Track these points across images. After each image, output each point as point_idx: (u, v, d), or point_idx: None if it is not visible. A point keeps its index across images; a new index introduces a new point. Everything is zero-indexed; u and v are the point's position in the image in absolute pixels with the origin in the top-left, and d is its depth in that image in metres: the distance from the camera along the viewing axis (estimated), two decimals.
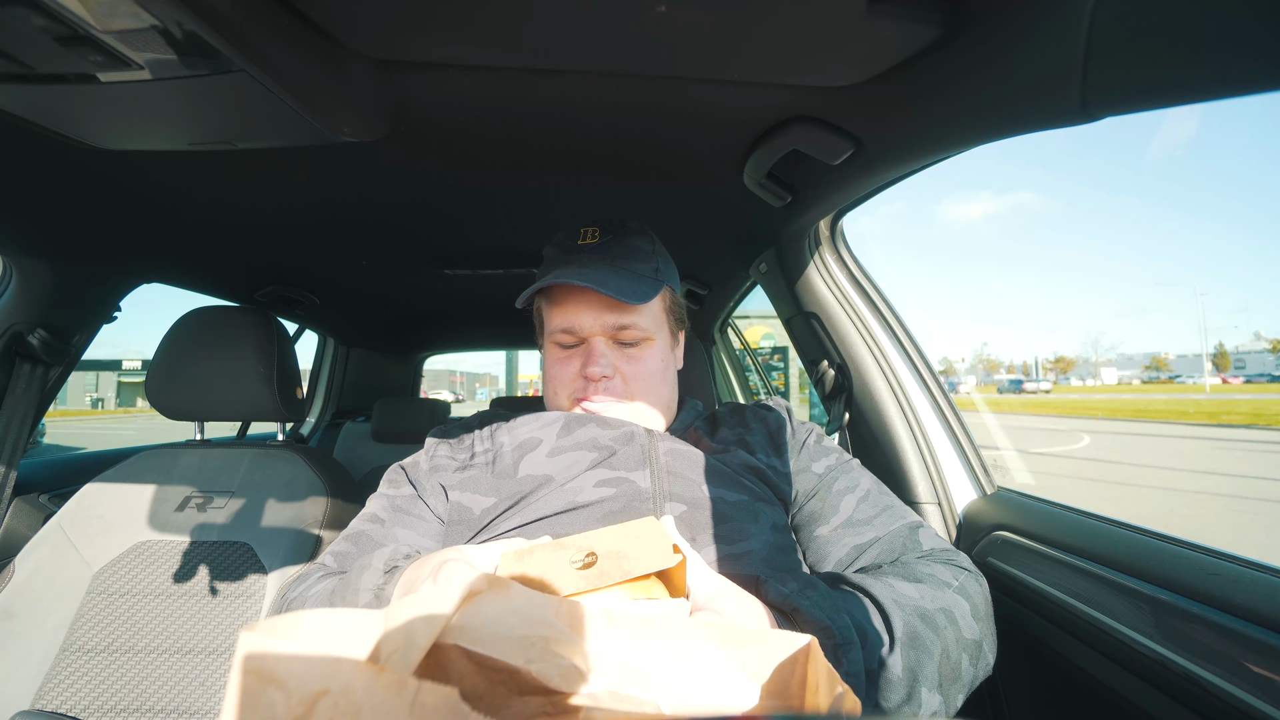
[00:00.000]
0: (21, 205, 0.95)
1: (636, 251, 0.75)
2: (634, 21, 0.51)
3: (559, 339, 0.75)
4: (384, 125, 0.72)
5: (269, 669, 0.18)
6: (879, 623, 0.52)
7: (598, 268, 0.71)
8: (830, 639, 0.48)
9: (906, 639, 0.51)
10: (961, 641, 0.55)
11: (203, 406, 1.13)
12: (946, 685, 0.53)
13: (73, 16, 0.44)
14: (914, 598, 0.55)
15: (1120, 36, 0.41)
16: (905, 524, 0.67)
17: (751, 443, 0.76)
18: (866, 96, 0.63)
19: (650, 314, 0.75)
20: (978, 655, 0.56)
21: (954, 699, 0.53)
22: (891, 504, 0.71)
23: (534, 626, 0.24)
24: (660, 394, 0.77)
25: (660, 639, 0.27)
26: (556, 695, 0.24)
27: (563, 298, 0.73)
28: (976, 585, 0.61)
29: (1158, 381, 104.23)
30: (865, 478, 0.74)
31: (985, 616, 0.59)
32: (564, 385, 0.75)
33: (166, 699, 0.93)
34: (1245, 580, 0.53)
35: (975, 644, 0.56)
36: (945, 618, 0.55)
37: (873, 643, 0.50)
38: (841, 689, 0.28)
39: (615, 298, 0.68)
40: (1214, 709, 0.50)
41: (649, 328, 0.75)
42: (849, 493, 0.71)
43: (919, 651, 0.51)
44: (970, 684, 0.55)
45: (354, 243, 1.31)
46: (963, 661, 0.54)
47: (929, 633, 0.53)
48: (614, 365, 0.73)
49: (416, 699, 0.19)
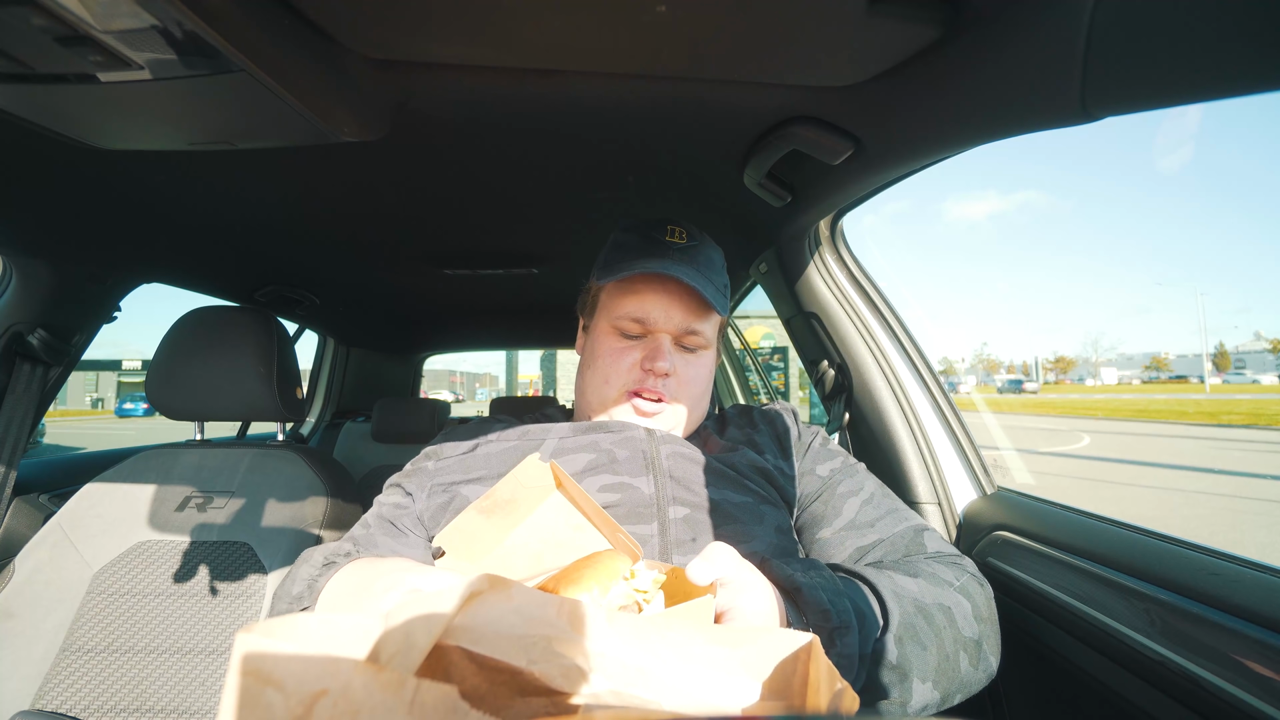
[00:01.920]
0: (21, 205, 0.95)
1: (715, 264, 0.77)
2: (634, 21, 0.51)
3: (625, 326, 0.74)
4: (384, 125, 0.72)
5: (267, 669, 0.18)
6: (876, 609, 0.53)
7: (689, 269, 0.71)
8: (828, 622, 0.49)
9: (902, 628, 0.52)
10: (960, 640, 0.55)
11: (203, 406, 1.13)
12: (942, 681, 0.53)
13: (73, 16, 0.44)
14: (913, 591, 0.55)
15: (1120, 36, 0.41)
16: (910, 527, 0.67)
17: (760, 443, 0.76)
18: (866, 96, 0.63)
19: (713, 327, 0.77)
20: (978, 656, 0.56)
21: (950, 696, 0.53)
22: (896, 507, 0.70)
23: (536, 626, 0.24)
24: (702, 405, 0.79)
25: (662, 638, 0.27)
26: (558, 695, 0.24)
27: (642, 287, 0.74)
28: (979, 588, 0.61)
29: (1159, 381, 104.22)
30: (870, 481, 0.74)
31: (988, 619, 0.59)
32: (619, 374, 0.74)
33: (166, 699, 0.92)
34: (1245, 580, 0.53)
35: (975, 644, 0.56)
36: (943, 614, 0.55)
37: (869, 628, 0.51)
38: (841, 685, 0.28)
39: (710, 302, 0.70)
40: (1214, 709, 0.50)
41: (710, 338, 0.77)
42: (852, 495, 0.71)
43: (914, 642, 0.52)
44: (968, 685, 0.55)
45: (354, 243, 1.31)
46: (960, 660, 0.54)
47: (925, 625, 0.53)
48: (674, 365, 0.74)
49: (416, 698, 0.19)
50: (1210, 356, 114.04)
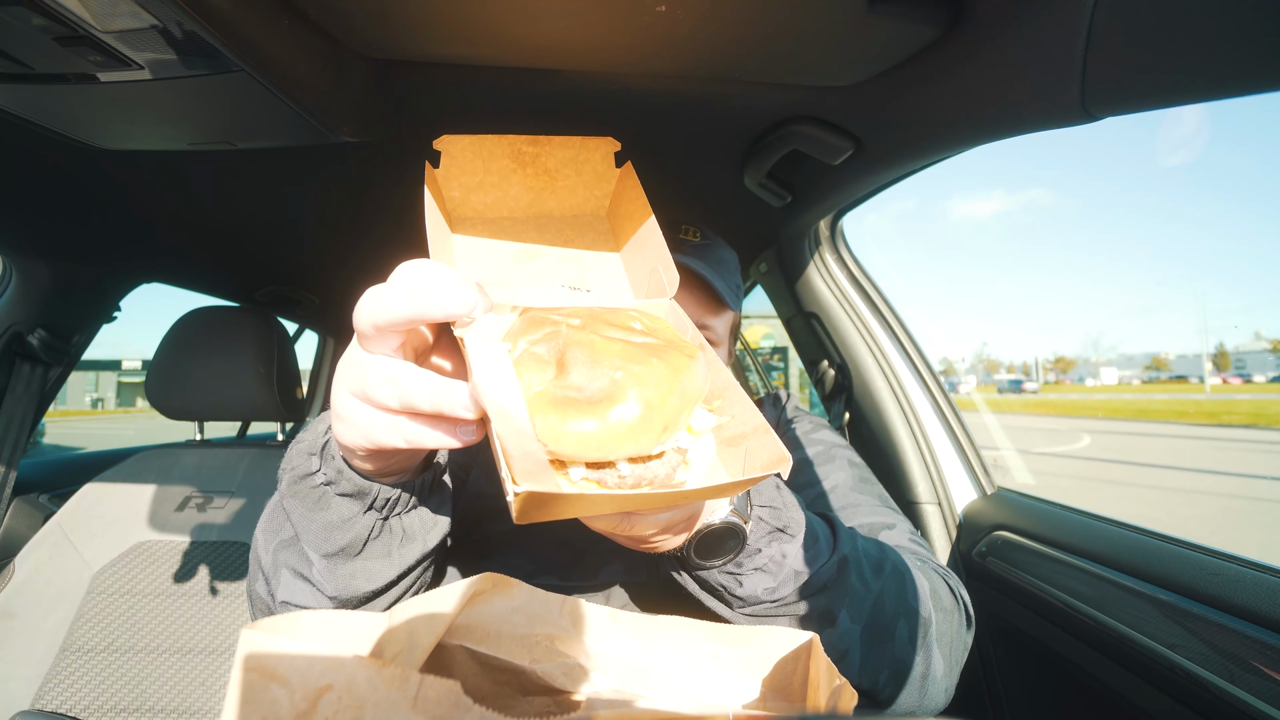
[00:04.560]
0: (22, 205, 0.95)
1: (728, 264, 0.77)
2: (634, 22, 0.51)
3: None
4: (384, 125, 0.72)
5: (271, 666, 0.18)
6: (826, 534, 0.50)
7: (701, 263, 0.71)
8: (778, 520, 0.46)
9: (846, 561, 0.49)
10: (904, 606, 0.51)
11: (203, 406, 1.13)
12: (873, 634, 0.48)
13: (73, 16, 0.44)
14: (867, 546, 0.52)
15: (1120, 36, 0.41)
16: (868, 524, 0.64)
17: None
18: (866, 96, 0.63)
19: (725, 324, 0.77)
20: (923, 636, 0.51)
21: (876, 656, 0.49)
22: (859, 502, 0.67)
23: (538, 624, 0.24)
24: None
25: (664, 636, 0.27)
26: (561, 694, 0.24)
27: None
28: (940, 578, 0.57)
29: (1159, 381, 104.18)
30: (842, 473, 0.71)
31: (949, 610, 0.54)
32: None
33: (166, 699, 0.92)
34: (1245, 580, 0.53)
35: (921, 619, 0.51)
36: (894, 574, 0.52)
37: (816, 548, 0.48)
38: (840, 683, 0.28)
39: (723, 295, 0.70)
40: (1214, 709, 0.50)
41: (722, 335, 0.77)
42: (810, 486, 0.69)
43: (852, 579, 0.48)
44: (905, 663, 0.50)
45: (354, 243, 1.31)
46: (899, 625, 0.50)
47: (871, 573, 0.50)
48: None
49: (420, 693, 0.19)
50: (1210, 356, 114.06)
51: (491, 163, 0.46)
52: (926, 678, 0.50)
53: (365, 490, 0.40)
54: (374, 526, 0.42)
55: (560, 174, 0.47)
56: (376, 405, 0.34)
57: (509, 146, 0.45)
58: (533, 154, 0.45)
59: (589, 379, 0.30)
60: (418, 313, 0.31)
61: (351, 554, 0.42)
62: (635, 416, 0.29)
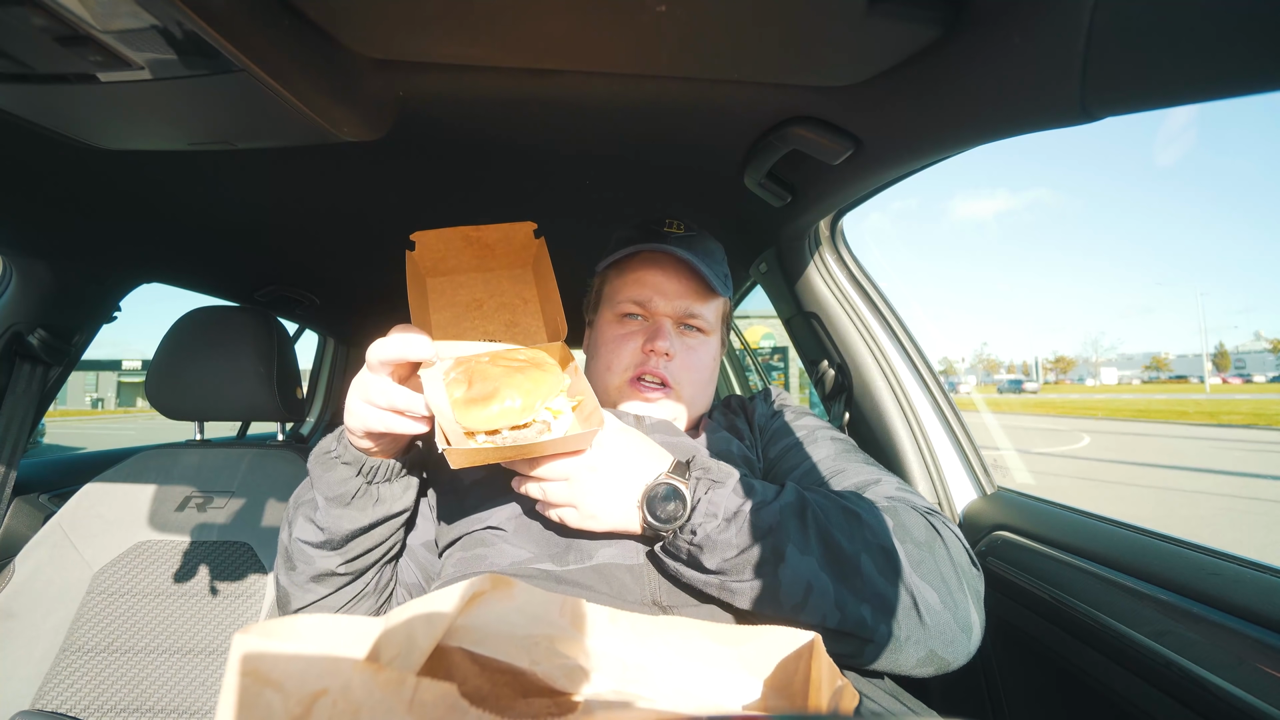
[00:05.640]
0: (21, 205, 0.95)
1: (714, 254, 0.79)
2: (634, 21, 0.51)
3: (626, 309, 0.77)
4: (384, 125, 0.72)
5: (266, 670, 0.18)
6: (765, 487, 0.56)
7: (686, 250, 0.74)
8: (711, 475, 0.55)
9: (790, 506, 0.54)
10: (863, 541, 0.53)
11: (203, 406, 1.13)
12: (837, 570, 0.51)
13: (73, 16, 0.44)
14: (819, 498, 0.56)
15: (1120, 36, 0.41)
16: (855, 484, 0.65)
17: (741, 430, 0.79)
18: (866, 96, 0.63)
19: (715, 312, 0.79)
20: (893, 569, 0.52)
21: (848, 590, 0.51)
22: (844, 468, 0.68)
23: (538, 625, 0.24)
24: (705, 394, 0.80)
25: (663, 636, 0.27)
26: (561, 695, 0.24)
27: (641, 269, 0.77)
28: (919, 515, 0.58)
29: (1159, 381, 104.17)
30: (825, 448, 0.72)
31: (922, 542, 0.55)
32: (621, 359, 0.76)
33: (166, 699, 0.92)
34: (1245, 580, 0.53)
35: (886, 552, 0.53)
36: (846, 514, 0.55)
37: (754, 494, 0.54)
38: (841, 683, 0.28)
39: (708, 279, 0.73)
40: (1214, 709, 0.50)
41: (712, 323, 0.79)
42: (797, 467, 0.71)
43: (796, 520, 0.53)
44: (884, 595, 0.51)
45: (354, 243, 1.31)
46: (863, 560, 0.52)
47: (821, 514, 0.54)
48: (675, 348, 0.76)
49: (415, 696, 0.19)
50: (1210, 356, 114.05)
51: (450, 244, 0.65)
52: (918, 607, 0.52)
53: (358, 460, 0.58)
54: (360, 488, 0.59)
55: (497, 246, 0.67)
56: (373, 404, 0.54)
57: (459, 234, 0.65)
58: (476, 235, 0.65)
59: (484, 388, 0.53)
60: (400, 356, 0.52)
61: (343, 503, 0.59)
62: (509, 405, 0.52)
